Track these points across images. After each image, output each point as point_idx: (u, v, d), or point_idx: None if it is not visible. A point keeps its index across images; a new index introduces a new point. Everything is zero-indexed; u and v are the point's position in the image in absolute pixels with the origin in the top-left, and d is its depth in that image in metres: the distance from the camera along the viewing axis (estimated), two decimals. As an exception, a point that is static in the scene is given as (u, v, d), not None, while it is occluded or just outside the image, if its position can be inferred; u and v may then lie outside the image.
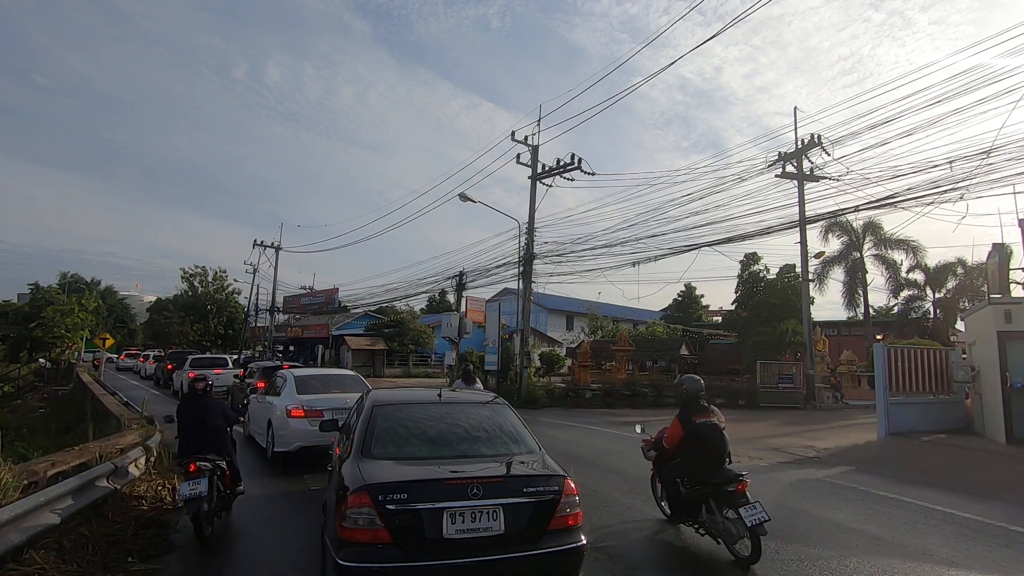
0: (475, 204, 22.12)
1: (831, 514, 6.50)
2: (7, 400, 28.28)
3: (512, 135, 21.87)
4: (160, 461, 8.39)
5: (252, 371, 15.66)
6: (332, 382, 9.90)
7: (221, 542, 5.53)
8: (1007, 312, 11.41)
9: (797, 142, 20.17)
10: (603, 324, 41.98)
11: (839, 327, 33.71)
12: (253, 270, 44.05)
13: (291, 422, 8.64)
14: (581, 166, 20.87)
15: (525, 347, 21.72)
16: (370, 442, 4.08)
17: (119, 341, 49.04)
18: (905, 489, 7.78)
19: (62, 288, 53.16)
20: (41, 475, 6.28)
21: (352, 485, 3.54)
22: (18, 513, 4.63)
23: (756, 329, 27.54)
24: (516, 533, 3.56)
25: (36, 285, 50.03)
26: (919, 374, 13.06)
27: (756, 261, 30.71)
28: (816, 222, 21.27)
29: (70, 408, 20.58)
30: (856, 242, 26.98)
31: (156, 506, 6.45)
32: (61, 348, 39.75)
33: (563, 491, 3.75)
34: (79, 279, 63.98)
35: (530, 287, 22.00)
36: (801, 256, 21.04)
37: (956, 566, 4.89)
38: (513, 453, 4.19)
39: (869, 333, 26.75)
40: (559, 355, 36.61)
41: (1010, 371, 11.11)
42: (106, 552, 4.98)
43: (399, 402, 4.85)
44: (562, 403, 20.86)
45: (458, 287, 26.41)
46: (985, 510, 6.71)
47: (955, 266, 27.67)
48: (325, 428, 5.99)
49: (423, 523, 3.41)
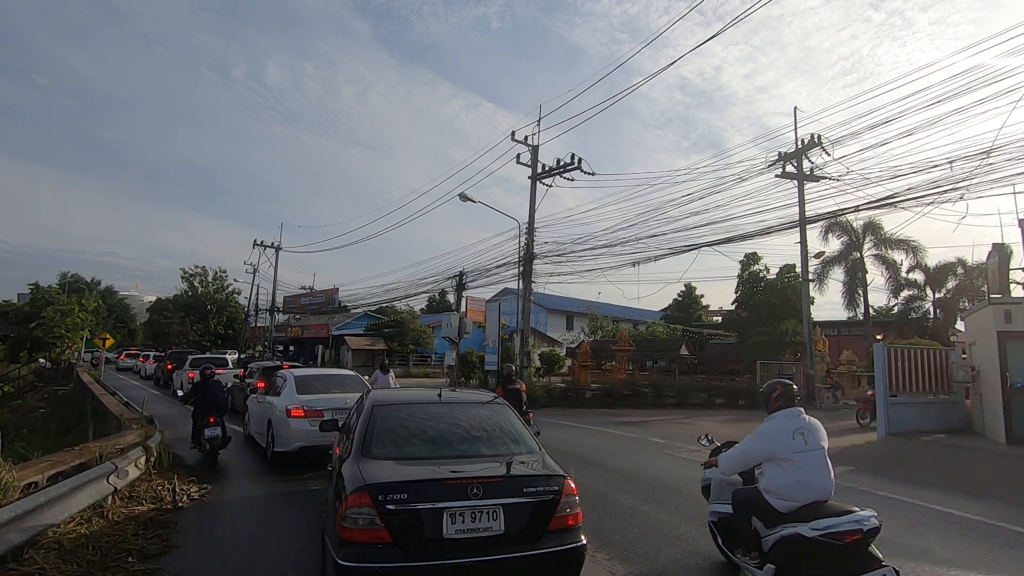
0: (475, 204, 22.13)
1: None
2: (7, 400, 28.27)
3: (512, 135, 21.88)
4: (160, 461, 8.37)
5: (252, 371, 15.64)
6: (332, 382, 9.89)
7: (221, 542, 5.52)
8: (1007, 312, 11.42)
9: (797, 142, 20.17)
10: (603, 324, 42.00)
11: (839, 327, 33.72)
12: (253, 270, 44.13)
13: (291, 422, 8.63)
14: (581, 166, 20.89)
15: (525, 347, 21.72)
16: (370, 442, 4.08)
17: (119, 341, 49.01)
18: (905, 489, 7.78)
19: (62, 288, 53.15)
20: (41, 475, 6.28)
21: (352, 485, 3.54)
22: (18, 513, 4.62)
23: (756, 329, 27.56)
24: (516, 533, 3.56)
25: (36, 285, 50.01)
26: (919, 374, 13.06)
27: (756, 261, 30.75)
28: (816, 222, 21.29)
29: (70, 408, 20.57)
30: (856, 242, 26.98)
31: (156, 506, 6.44)
32: (61, 348, 39.75)
33: (563, 491, 3.75)
34: (79, 279, 63.97)
35: (530, 287, 22.00)
36: (801, 256, 21.04)
37: (956, 566, 4.89)
38: (513, 453, 4.19)
39: (869, 333, 26.75)
40: (559, 355, 36.59)
41: (1010, 371, 11.11)
42: (106, 552, 4.97)
43: (399, 402, 4.85)
44: (562, 403, 20.86)
45: (458, 287, 26.42)
46: (985, 510, 6.70)
47: (955, 266, 27.67)
48: (325, 428, 5.99)
49: (423, 523, 3.41)
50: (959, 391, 13.44)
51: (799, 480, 3.72)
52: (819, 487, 3.75)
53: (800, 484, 3.72)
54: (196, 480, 7.79)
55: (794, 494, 3.71)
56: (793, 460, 3.75)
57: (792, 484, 3.73)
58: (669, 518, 6.22)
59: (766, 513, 3.80)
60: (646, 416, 17.05)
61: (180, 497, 6.74)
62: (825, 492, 3.77)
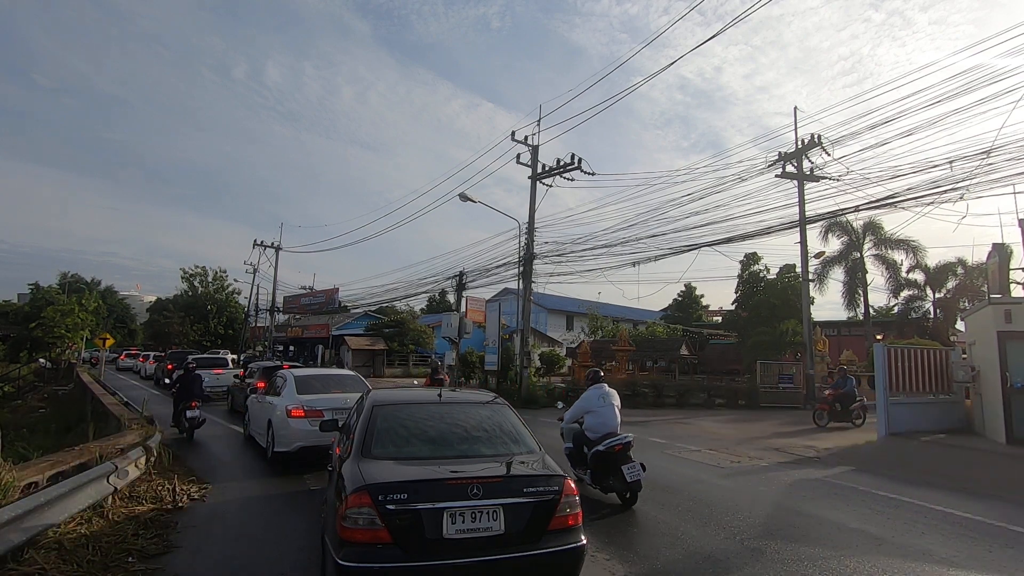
0: (475, 204, 22.11)
1: (831, 514, 6.50)
2: (7, 400, 28.29)
3: (512, 135, 21.86)
4: (160, 461, 8.38)
5: (252, 371, 15.64)
6: (332, 382, 9.90)
7: (221, 542, 5.52)
8: (1007, 312, 11.41)
9: (797, 142, 20.16)
10: (603, 324, 41.94)
11: (839, 327, 33.67)
12: (253, 270, 44.13)
13: (291, 422, 8.63)
14: (581, 166, 20.86)
15: (525, 347, 21.70)
16: (370, 442, 4.08)
17: (119, 341, 49.06)
18: (905, 489, 7.78)
19: (62, 288, 53.16)
20: (41, 475, 6.29)
21: (352, 485, 3.54)
22: (18, 513, 4.62)
23: (756, 329, 27.53)
24: (516, 533, 3.56)
25: (36, 285, 50.02)
26: (919, 374, 13.06)
27: (756, 261, 30.70)
28: (816, 222, 21.26)
29: (70, 408, 20.58)
30: (856, 242, 26.95)
31: (156, 506, 6.44)
32: (61, 348, 39.75)
33: (563, 491, 3.75)
34: (79, 279, 63.97)
35: (530, 287, 21.99)
36: (801, 256, 21.03)
37: (956, 566, 4.89)
38: (513, 453, 4.19)
39: (869, 333, 26.72)
40: (559, 355, 36.56)
41: (1010, 371, 11.11)
42: (106, 552, 4.98)
43: (399, 402, 4.85)
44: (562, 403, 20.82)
45: (458, 287, 26.39)
46: (985, 510, 6.71)
47: (955, 266, 27.63)
48: (325, 428, 5.99)
49: (423, 523, 3.41)
50: (959, 391, 13.44)
51: (600, 422, 7.09)
52: (611, 425, 7.03)
53: (600, 424, 7.07)
54: (196, 480, 7.80)
55: (598, 429, 7.05)
56: (596, 411, 7.17)
57: (597, 424, 7.10)
58: (669, 518, 6.22)
59: (587, 441, 7.11)
60: (646, 416, 17.03)
61: (180, 497, 6.74)
62: (613, 428, 7.02)
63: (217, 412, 15.90)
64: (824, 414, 15.16)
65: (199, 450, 10.45)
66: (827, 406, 15.29)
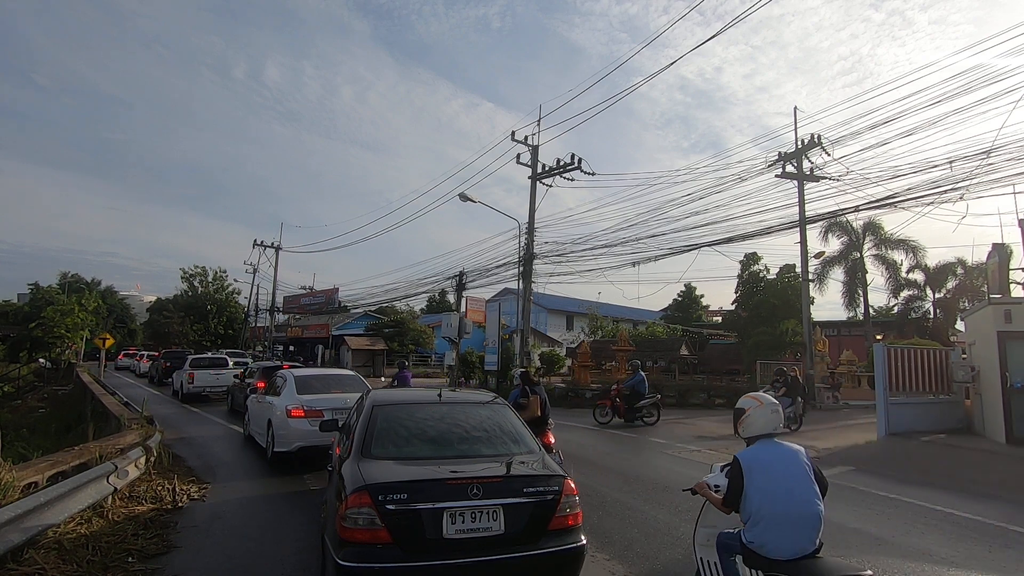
0: (475, 204, 22.11)
1: (831, 514, 6.43)
2: (7, 400, 28.30)
3: (512, 135, 21.86)
4: (160, 461, 8.38)
5: (252, 371, 15.66)
6: (332, 382, 9.89)
7: (221, 542, 5.52)
8: (1007, 312, 11.41)
9: (797, 142, 20.16)
10: (603, 324, 41.96)
11: (839, 327, 33.68)
12: (253, 270, 44.16)
13: (291, 422, 8.63)
14: (581, 166, 20.86)
15: (525, 347, 21.72)
16: (370, 442, 4.08)
17: (119, 341, 48.97)
18: (905, 489, 7.78)
19: (62, 288, 53.14)
20: (41, 475, 6.28)
21: (352, 485, 3.54)
22: (18, 513, 4.62)
23: (756, 329, 27.54)
24: (516, 533, 3.56)
25: (36, 285, 50.03)
26: (919, 374, 13.05)
27: (756, 261, 30.71)
28: (816, 222, 21.26)
29: (70, 408, 20.60)
30: (856, 242, 26.97)
31: (156, 506, 6.44)
32: (61, 348, 39.75)
33: (563, 491, 3.75)
34: (79, 279, 63.86)
35: (530, 287, 21.99)
36: (801, 256, 21.03)
37: (956, 566, 4.89)
38: (513, 453, 4.19)
39: (869, 333, 26.74)
40: (559, 355, 36.54)
41: (1010, 371, 11.10)
42: (106, 552, 4.98)
43: (399, 402, 4.85)
44: (562, 403, 20.85)
45: (458, 287, 26.39)
46: (985, 510, 6.71)
47: (955, 266, 27.65)
48: (325, 428, 5.99)
49: (423, 523, 3.41)
50: (959, 391, 13.43)
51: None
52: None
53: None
54: (196, 480, 7.80)
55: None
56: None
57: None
58: (669, 518, 6.22)
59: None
60: (646, 416, 17.00)
61: (180, 497, 6.74)
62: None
63: (217, 412, 15.94)
64: (607, 410, 13.50)
65: (199, 450, 10.45)
66: (609, 401, 13.59)
